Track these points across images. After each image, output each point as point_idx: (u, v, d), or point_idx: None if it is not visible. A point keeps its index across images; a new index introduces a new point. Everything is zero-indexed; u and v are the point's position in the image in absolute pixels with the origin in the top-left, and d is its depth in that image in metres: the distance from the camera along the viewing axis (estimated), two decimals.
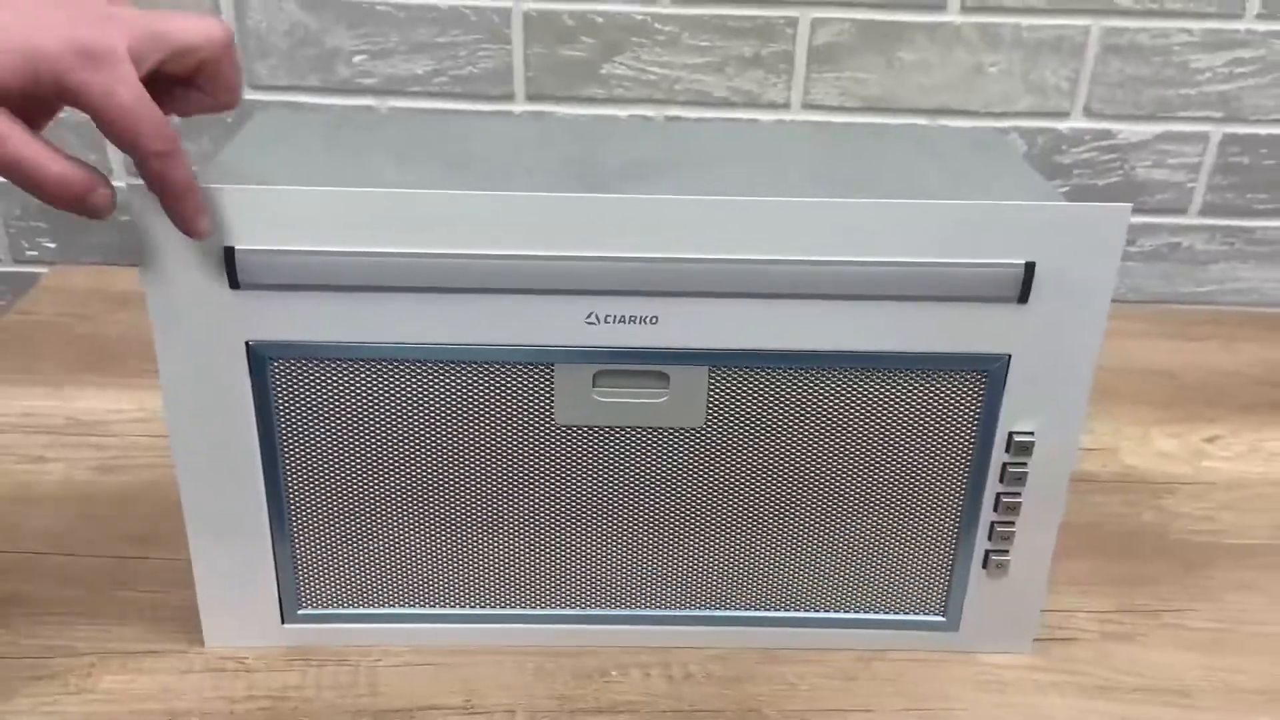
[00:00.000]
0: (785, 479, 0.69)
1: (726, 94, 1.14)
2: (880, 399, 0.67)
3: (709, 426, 0.67)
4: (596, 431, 0.67)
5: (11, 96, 0.51)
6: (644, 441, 0.68)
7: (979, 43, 1.12)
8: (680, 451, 0.68)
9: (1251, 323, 1.19)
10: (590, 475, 0.68)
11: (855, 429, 0.68)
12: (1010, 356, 0.65)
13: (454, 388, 0.65)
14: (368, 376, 0.65)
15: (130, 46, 0.53)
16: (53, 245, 1.23)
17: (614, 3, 1.10)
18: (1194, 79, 1.14)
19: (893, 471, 0.69)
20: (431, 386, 0.65)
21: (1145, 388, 1.06)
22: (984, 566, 0.71)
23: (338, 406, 0.66)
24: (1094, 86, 1.15)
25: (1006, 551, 0.71)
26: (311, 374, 0.65)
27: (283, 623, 0.72)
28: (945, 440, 0.68)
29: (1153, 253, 1.23)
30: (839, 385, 0.66)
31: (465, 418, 0.66)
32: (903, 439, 0.68)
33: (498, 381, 0.65)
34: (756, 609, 0.73)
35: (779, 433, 0.68)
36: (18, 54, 0.50)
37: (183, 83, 0.60)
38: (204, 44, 0.57)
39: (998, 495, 0.69)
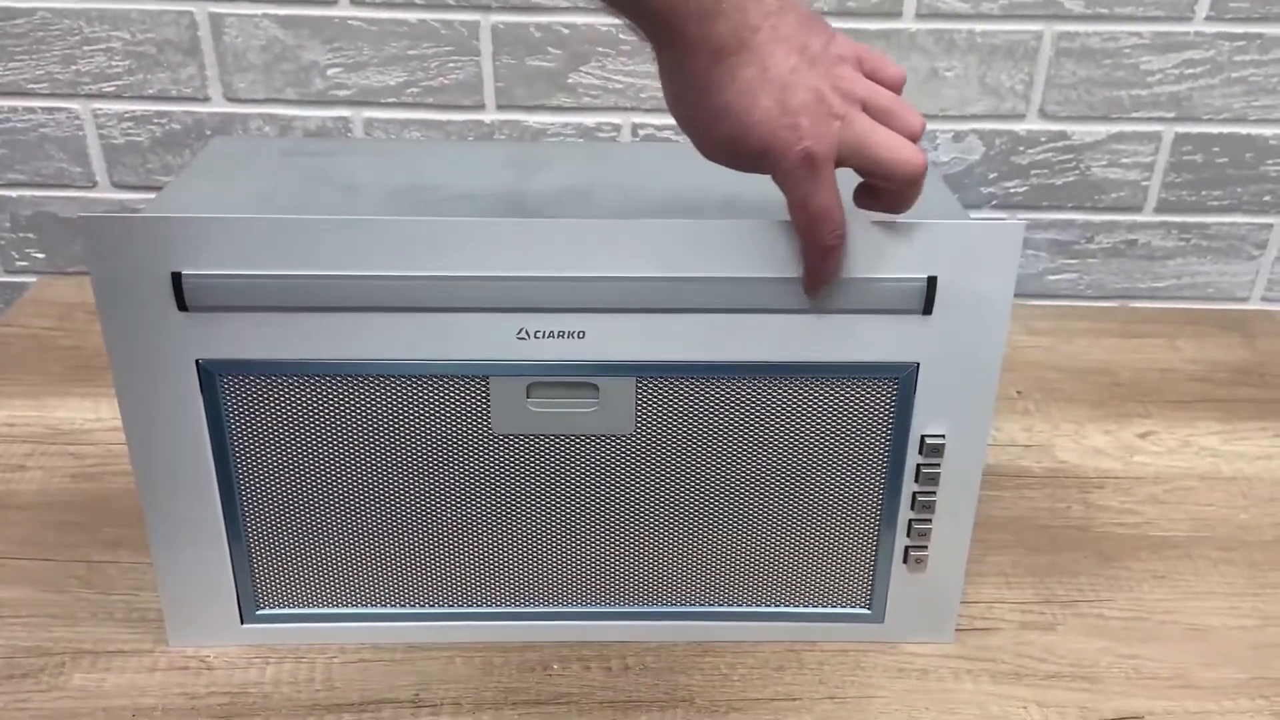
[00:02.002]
0: (713, 481, 0.73)
1: None
2: (799, 405, 0.71)
3: (639, 433, 0.71)
4: (532, 440, 0.71)
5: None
6: (577, 448, 0.72)
7: (934, 48, 1.15)
8: (612, 457, 0.72)
9: (1195, 320, 1.22)
10: (528, 481, 0.72)
11: (778, 434, 0.72)
12: (919, 364, 0.69)
13: (395, 400, 0.70)
14: (313, 391, 0.69)
15: (838, 155, 0.60)
16: (41, 256, 1.27)
17: (579, 15, 1.14)
18: (1145, 80, 1.17)
19: (815, 473, 0.73)
20: (374, 399, 0.69)
21: (1085, 385, 1.10)
22: (905, 561, 0.75)
23: (286, 419, 0.70)
24: (1048, 89, 1.17)
25: (925, 547, 0.75)
26: (260, 389, 0.69)
27: (242, 623, 0.76)
28: (862, 443, 0.72)
29: (1111, 250, 1.26)
30: (761, 393, 0.70)
31: (407, 428, 0.70)
32: (822, 442, 0.72)
33: (436, 394, 0.69)
34: (690, 604, 0.77)
35: (706, 438, 0.72)
36: (758, 145, 0.59)
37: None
38: (897, 176, 0.61)
39: (914, 494, 0.73)
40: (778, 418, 0.71)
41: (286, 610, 0.76)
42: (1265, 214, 1.24)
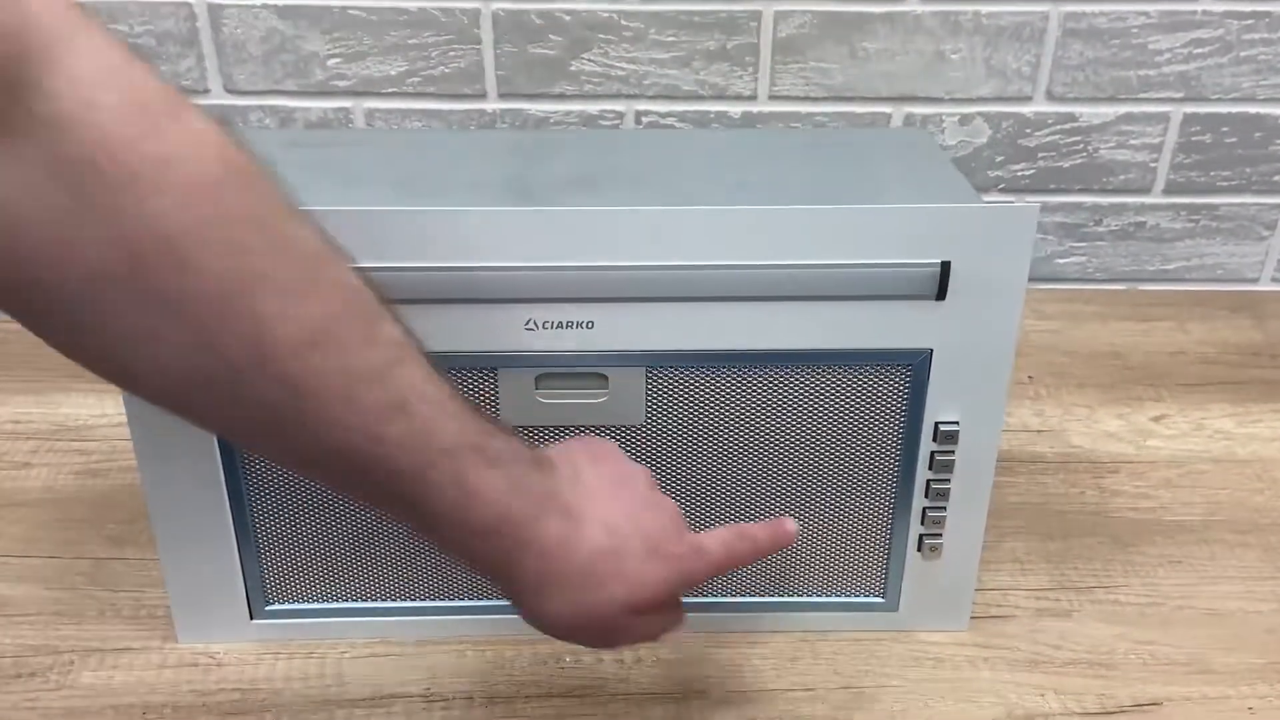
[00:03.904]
0: (725, 471, 0.72)
1: (694, 87, 1.17)
2: (812, 393, 0.70)
3: (649, 423, 0.71)
4: (542, 431, 0.70)
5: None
6: None
7: (940, 30, 1.14)
8: (624, 447, 0.71)
9: (1205, 302, 1.22)
10: None
11: (790, 422, 0.71)
12: (932, 351, 0.68)
13: None
14: None
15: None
16: None
17: (581, 0, 1.13)
18: (1153, 60, 1.16)
19: (827, 461, 0.72)
20: None
21: (1096, 369, 1.09)
22: (919, 549, 0.75)
23: None
24: (1055, 70, 1.16)
25: (939, 535, 0.74)
26: None
27: (251, 619, 0.76)
28: (875, 431, 0.71)
29: (1119, 232, 1.25)
30: (772, 381, 0.69)
31: None
32: (835, 431, 0.71)
33: None
34: (703, 595, 0.76)
35: (717, 428, 0.71)
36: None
37: None
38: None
39: (928, 482, 0.72)
40: (790, 406, 0.70)
41: (296, 605, 0.76)
42: (1275, 194, 1.23)
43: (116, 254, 0.43)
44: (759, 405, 0.70)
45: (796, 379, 0.69)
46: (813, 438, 0.71)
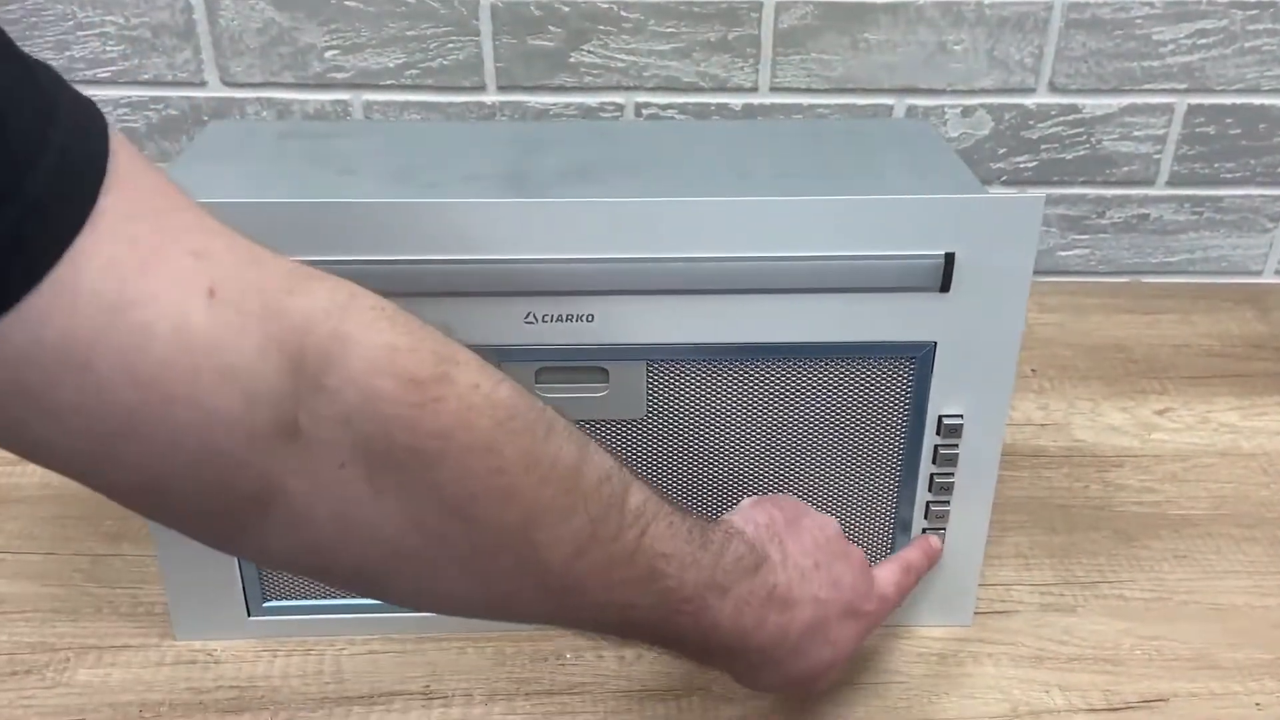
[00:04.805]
0: (727, 465, 0.72)
1: (695, 79, 1.16)
2: (814, 387, 0.69)
3: (650, 418, 0.70)
4: None
5: None
6: (589, 434, 0.70)
7: (942, 21, 1.13)
8: (624, 442, 0.71)
9: (1209, 294, 1.21)
10: None
11: (792, 416, 0.70)
12: (936, 343, 0.67)
13: None
14: None
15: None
16: None
17: None
18: (1157, 51, 1.15)
19: (830, 455, 0.71)
20: None
21: (1099, 362, 1.08)
22: None
23: None
24: (1058, 61, 1.16)
25: (943, 529, 0.73)
26: None
27: (249, 615, 0.75)
28: (878, 425, 0.71)
29: (1123, 224, 1.24)
30: (774, 375, 0.69)
31: None
32: (838, 424, 0.70)
33: None
34: None
35: (719, 422, 0.70)
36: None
37: None
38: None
39: (931, 476, 0.72)
40: (791, 400, 0.70)
41: (294, 602, 0.75)
42: (1279, 186, 1.22)
43: (409, 527, 0.46)
44: (760, 399, 0.69)
45: (798, 372, 0.69)
46: (815, 431, 0.71)
